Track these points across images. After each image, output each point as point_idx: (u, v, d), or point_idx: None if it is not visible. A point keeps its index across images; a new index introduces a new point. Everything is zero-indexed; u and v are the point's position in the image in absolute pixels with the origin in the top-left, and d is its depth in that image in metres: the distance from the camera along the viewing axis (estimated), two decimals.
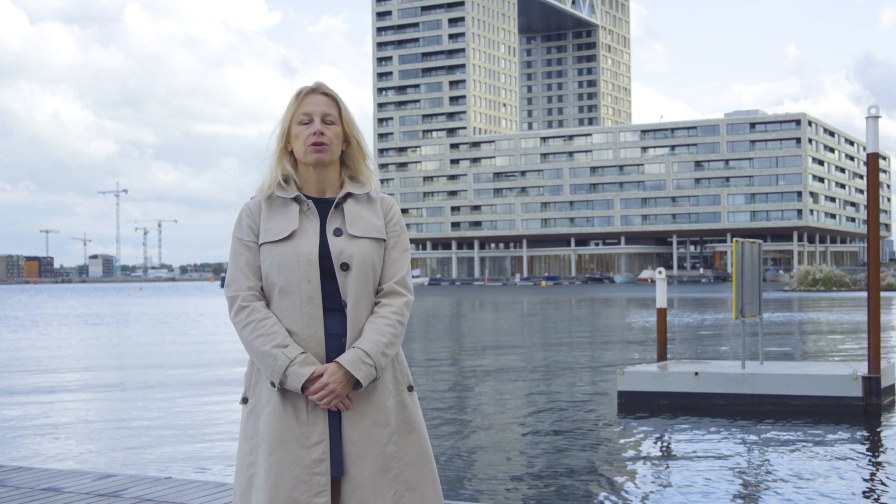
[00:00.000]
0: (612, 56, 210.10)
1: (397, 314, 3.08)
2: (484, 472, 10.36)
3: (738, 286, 14.89)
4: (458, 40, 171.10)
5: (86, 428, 13.71)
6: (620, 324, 38.98)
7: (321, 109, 3.12)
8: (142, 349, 29.32)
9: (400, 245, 3.17)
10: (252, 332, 3.02)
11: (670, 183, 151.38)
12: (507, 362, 22.72)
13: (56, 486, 6.36)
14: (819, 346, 27.03)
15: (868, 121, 14.05)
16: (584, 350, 26.48)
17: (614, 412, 14.39)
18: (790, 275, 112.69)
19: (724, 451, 11.28)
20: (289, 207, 3.11)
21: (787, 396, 13.95)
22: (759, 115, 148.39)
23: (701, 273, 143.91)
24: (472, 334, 35.31)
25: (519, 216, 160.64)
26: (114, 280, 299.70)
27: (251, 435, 3.07)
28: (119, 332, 38.05)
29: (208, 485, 6.35)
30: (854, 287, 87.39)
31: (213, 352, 27.48)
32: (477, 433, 12.90)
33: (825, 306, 54.25)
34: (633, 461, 10.94)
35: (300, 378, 2.95)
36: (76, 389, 18.44)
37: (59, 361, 24.97)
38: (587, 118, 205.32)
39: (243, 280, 3.09)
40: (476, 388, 17.91)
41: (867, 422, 13.15)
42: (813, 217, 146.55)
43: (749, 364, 15.20)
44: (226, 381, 19.35)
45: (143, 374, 21.62)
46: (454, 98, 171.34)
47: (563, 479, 9.84)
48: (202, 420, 14.24)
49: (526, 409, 14.91)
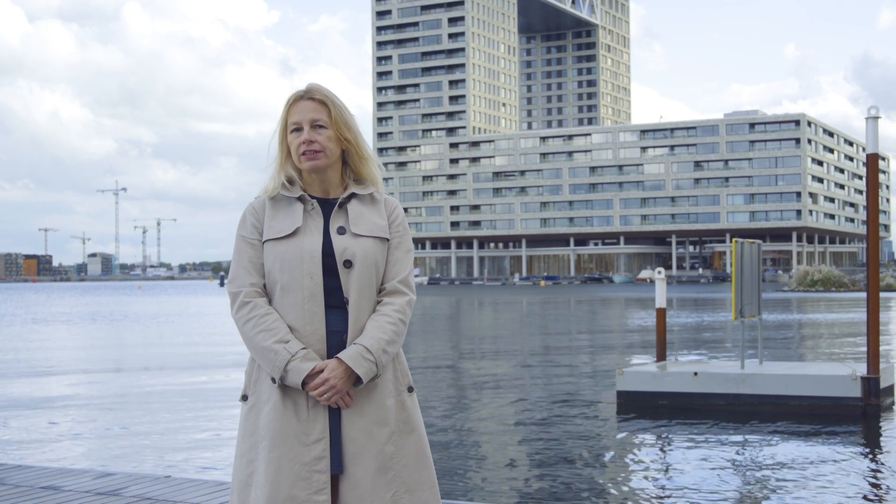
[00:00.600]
0: (612, 56, 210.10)
1: (399, 312, 3.08)
2: (482, 472, 10.36)
3: (737, 286, 14.90)
4: (458, 40, 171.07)
5: (85, 426, 13.71)
6: (619, 324, 38.98)
7: (309, 116, 3.11)
8: (141, 348, 29.31)
9: (403, 245, 3.17)
10: (253, 327, 3.03)
11: (669, 183, 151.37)
12: (505, 362, 22.72)
13: (55, 484, 6.35)
14: (818, 346, 27.04)
15: (868, 121, 14.05)
16: (583, 350, 26.49)
17: (613, 412, 14.39)
18: (789, 275, 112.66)
19: (722, 452, 11.28)
20: (293, 206, 3.12)
21: (787, 397, 13.95)
22: (759, 115, 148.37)
23: (700, 273, 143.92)
24: (470, 334, 35.31)
25: (518, 216, 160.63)
26: (113, 279, 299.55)
27: (251, 432, 3.07)
28: (118, 331, 38.04)
29: (208, 483, 6.35)
30: (853, 287, 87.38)
31: (212, 350, 27.47)
32: (475, 433, 12.90)
33: (824, 307, 54.26)
34: (631, 461, 10.94)
35: (301, 373, 2.96)
36: (75, 387, 18.42)
37: (57, 360, 24.97)
38: (587, 118, 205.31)
39: (246, 277, 3.10)
40: (474, 388, 17.91)
41: (866, 422, 13.15)
42: (812, 217, 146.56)
43: (748, 364, 15.20)
44: (225, 380, 19.34)
45: (142, 372, 21.62)
46: (454, 97, 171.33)
47: (562, 479, 9.84)
48: (202, 419, 14.24)
49: (525, 409, 14.91)
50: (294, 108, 3.13)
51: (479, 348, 27.80)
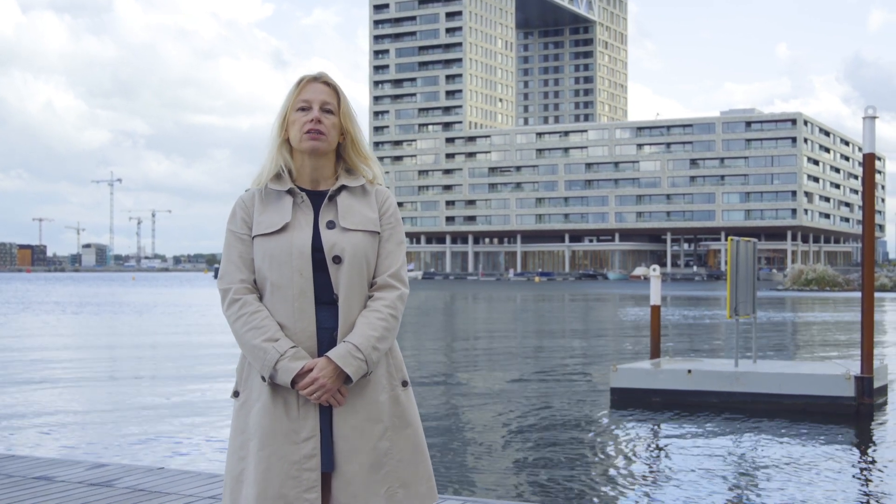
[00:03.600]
0: (609, 53, 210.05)
1: (390, 308, 3.04)
2: (476, 467, 10.35)
3: (732, 284, 14.90)
4: (456, 34, 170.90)
5: (78, 417, 13.68)
6: (614, 320, 39.00)
7: (321, 98, 3.09)
8: (135, 339, 29.26)
9: (394, 238, 3.12)
10: (243, 325, 3.00)
11: (665, 180, 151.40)
12: (500, 358, 22.72)
13: (48, 474, 6.34)
14: (812, 345, 27.07)
15: (865, 121, 14.06)
16: (578, 346, 26.50)
17: (607, 409, 14.40)
18: (784, 274, 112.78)
19: (716, 449, 11.28)
20: (282, 200, 3.08)
21: (780, 395, 13.97)
22: (755, 113, 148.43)
23: (694, 271, 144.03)
24: (465, 330, 35.31)
25: (513, 211, 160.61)
26: (107, 269, 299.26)
27: (242, 429, 3.04)
28: (111, 322, 37.98)
29: (201, 475, 6.34)
30: (847, 287, 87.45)
31: (205, 342, 27.43)
32: (470, 429, 12.91)
33: (818, 306, 54.33)
34: (625, 458, 10.94)
35: (290, 372, 2.93)
36: (69, 378, 18.39)
37: (51, 349, 24.92)
38: (583, 114, 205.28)
39: (236, 273, 3.07)
40: (469, 384, 17.91)
41: (859, 422, 13.18)
42: (807, 216, 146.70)
43: (742, 362, 15.21)
44: (219, 373, 19.32)
45: (136, 363, 21.59)
46: (450, 92, 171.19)
47: (555, 474, 9.84)
48: (196, 411, 14.22)
49: (518, 405, 14.91)
50: (307, 87, 3.11)
51: (472, 345, 27.80)
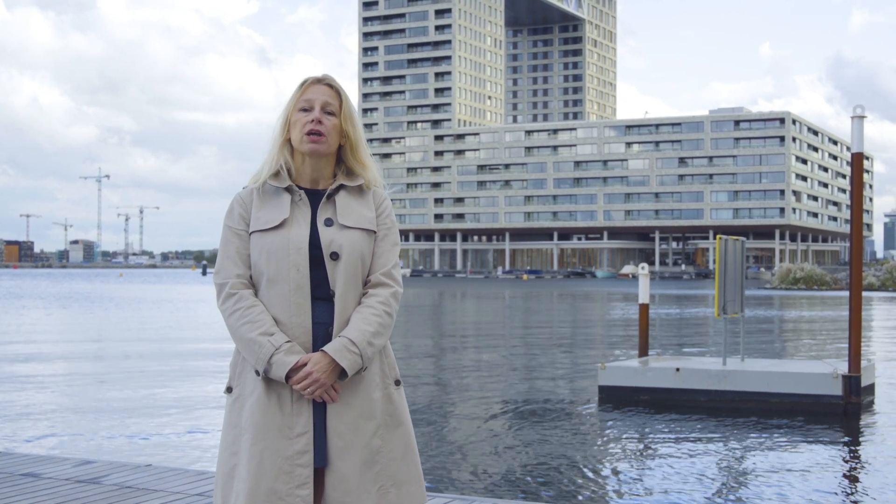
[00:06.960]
0: (598, 51, 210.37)
1: (384, 304, 3.06)
2: (465, 465, 10.35)
3: (720, 283, 14.93)
4: (445, 32, 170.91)
5: (65, 414, 13.63)
6: (601, 318, 39.06)
7: (323, 99, 3.12)
8: (122, 334, 29.17)
9: (390, 238, 3.15)
10: (238, 319, 3.01)
11: (654, 179, 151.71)
12: (487, 356, 22.73)
13: (35, 471, 6.31)
14: (800, 344, 27.16)
15: (853, 121, 14.10)
16: (565, 344, 26.53)
17: (595, 407, 14.41)
18: (771, 273, 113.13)
19: (703, 448, 11.31)
20: (280, 197, 3.10)
21: (768, 394, 14.01)
22: (744, 112, 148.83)
23: (683, 269, 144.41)
24: (453, 328, 35.32)
25: (502, 209, 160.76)
26: (94, 266, 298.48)
27: (235, 424, 3.04)
28: (98, 317, 37.87)
29: (189, 472, 6.33)
30: (835, 286, 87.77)
31: (196, 339, 27.38)
32: (458, 427, 12.90)
33: (806, 305, 54.51)
34: (612, 456, 10.96)
35: (284, 366, 2.93)
36: (55, 374, 18.33)
37: (37, 345, 24.83)
38: (572, 112, 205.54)
39: (232, 268, 3.08)
40: (457, 382, 17.90)
41: (846, 421, 13.22)
42: (795, 215, 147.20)
43: (730, 361, 15.24)
44: (209, 369, 19.28)
45: (123, 360, 21.51)
46: (439, 90, 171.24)
47: (543, 472, 9.85)
48: (184, 407, 14.17)
49: (506, 403, 14.91)
50: (309, 88, 3.15)
51: (461, 343, 27.81)
